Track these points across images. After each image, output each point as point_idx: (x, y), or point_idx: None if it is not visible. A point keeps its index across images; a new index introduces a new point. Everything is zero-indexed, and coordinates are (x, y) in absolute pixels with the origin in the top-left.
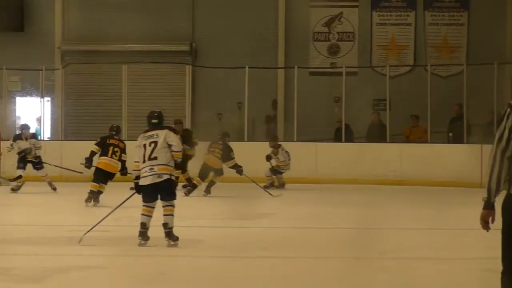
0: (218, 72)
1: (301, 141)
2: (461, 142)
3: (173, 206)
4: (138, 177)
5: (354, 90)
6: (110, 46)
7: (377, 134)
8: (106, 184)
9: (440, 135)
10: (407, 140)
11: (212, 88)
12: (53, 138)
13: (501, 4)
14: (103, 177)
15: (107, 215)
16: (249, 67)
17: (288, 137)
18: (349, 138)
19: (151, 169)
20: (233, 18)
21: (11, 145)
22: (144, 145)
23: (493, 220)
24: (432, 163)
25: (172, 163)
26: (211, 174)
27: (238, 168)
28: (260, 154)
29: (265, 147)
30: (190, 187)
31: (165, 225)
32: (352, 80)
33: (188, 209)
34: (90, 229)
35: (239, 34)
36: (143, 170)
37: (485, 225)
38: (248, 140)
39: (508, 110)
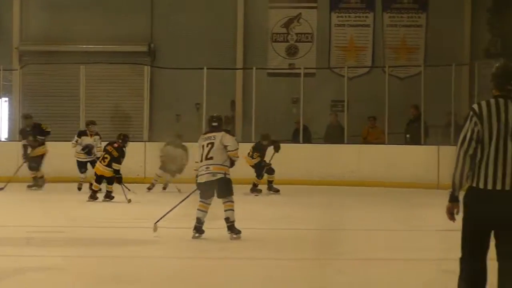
0: (177, 73)
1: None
2: (419, 143)
3: (232, 201)
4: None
5: (312, 91)
6: (68, 46)
7: (335, 135)
8: (100, 184)
9: (397, 136)
10: (365, 141)
11: (171, 89)
12: (10, 139)
13: (459, 5)
14: (98, 179)
15: (171, 209)
16: (207, 68)
17: (246, 138)
18: (307, 139)
19: (207, 168)
20: (191, 19)
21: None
22: (203, 146)
23: (457, 212)
24: (390, 165)
25: (227, 163)
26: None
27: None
28: None
29: None
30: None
31: (226, 219)
32: (310, 81)
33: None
34: (159, 220)
35: (198, 35)
36: (200, 169)
37: (451, 216)
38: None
39: (471, 113)
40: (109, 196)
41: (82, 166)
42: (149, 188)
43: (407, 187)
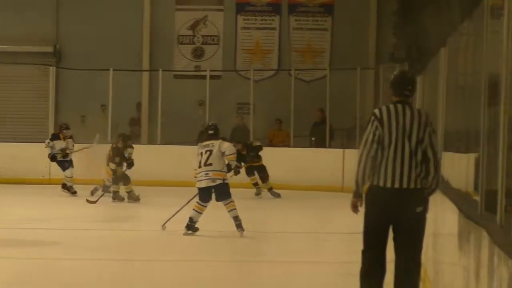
0: (83, 74)
1: (165, 144)
2: (324, 146)
3: (232, 201)
4: None
5: (218, 94)
6: None
7: (240, 137)
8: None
9: (303, 139)
10: (271, 144)
11: (76, 90)
12: None
13: (365, 10)
14: None
15: (178, 211)
16: (113, 70)
17: (152, 140)
18: None
19: (206, 174)
20: (98, 20)
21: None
22: (201, 153)
23: (361, 204)
24: (295, 168)
25: (225, 169)
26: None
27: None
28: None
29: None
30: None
31: (235, 218)
32: (216, 83)
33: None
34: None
35: (104, 36)
36: (199, 175)
37: (355, 209)
38: (112, 142)
39: (372, 117)
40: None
41: (62, 164)
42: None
43: (313, 190)
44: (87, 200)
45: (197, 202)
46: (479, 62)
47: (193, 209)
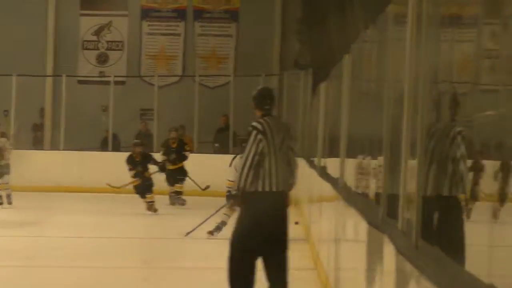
0: None
1: (68, 150)
2: (227, 152)
3: None
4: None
5: (122, 99)
6: None
7: (144, 143)
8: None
9: (207, 145)
10: None
11: None
12: None
13: (269, 17)
14: None
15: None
16: (16, 75)
17: (55, 145)
18: (116, 147)
19: None
20: (1, 24)
21: None
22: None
23: (238, 205)
24: (199, 173)
25: None
26: None
27: None
28: (25, 162)
29: (31, 155)
30: None
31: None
32: (120, 89)
33: None
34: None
35: (7, 40)
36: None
37: (235, 209)
38: (15, 148)
39: (255, 131)
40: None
41: None
42: None
43: (217, 196)
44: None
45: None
46: (382, 69)
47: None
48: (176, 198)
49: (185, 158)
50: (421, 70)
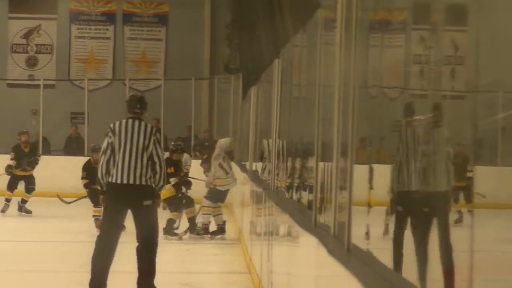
0: None
1: None
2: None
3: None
4: None
5: (52, 103)
6: None
7: (74, 147)
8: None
9: None
10: None
11: None
12: None
13: (199, 21)
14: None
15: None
16: None
17: None
18: (47, 151)
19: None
20: None
21: None
22: (220, 164)
23: (104, 200)
24: None
25: None
26: None
27: None
28: None
29: None
30: None
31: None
32: (50, 92)
33: None
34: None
35: None
36: (228, 180)
37: (103, 202)
38: None
39: (108, 130)
40: None
41: None
42: None
43: None
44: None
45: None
46: (312, 73)
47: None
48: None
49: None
50: (351, 75)
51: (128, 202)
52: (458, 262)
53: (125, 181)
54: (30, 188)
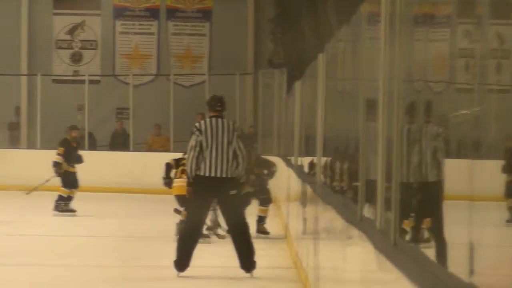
0: None
1: (45, 149)
2: None
3: None
4: None
5: (97, 98)
6: None
7: (120, 142)
8: None
9: (183, 144)
10: (150, 149)
11: None
12: None
13: (243, 16)
14: None
15: None
16: None
17: (32, 144)
18: (92, 146)
19: None
20: None
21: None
22: None
23: (191, 191)
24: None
25: None
26: None
27: None
28: (2, 161)
29: (8, 154)
30: None
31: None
32: (95, 88)
33: None
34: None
35: None
36: None
37: (189, 194)
38: None
39: (195, 129)
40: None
41: None
42: None
43: None
44: None
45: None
46: (357, 68)
47: None
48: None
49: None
50: (395, 69)
51: (216, 192)
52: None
53: (213, 174)
54: (77, 184)
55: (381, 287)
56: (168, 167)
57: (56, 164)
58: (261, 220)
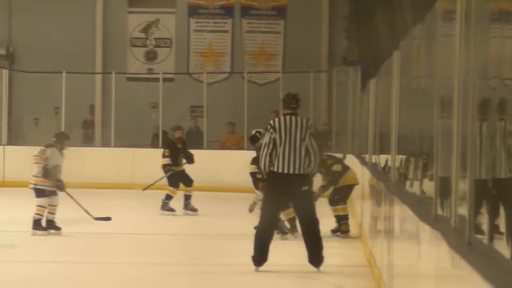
0: (36, 76)
1: (119, 147)
2: None
3: None
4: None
5: (172, 96)
6: None
7: (194, 140)
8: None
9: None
10: (224, 147)
11: (29, 92)
12: None
13: (317, 13)
14: None
15: None
16: (66, 72)
17: (106, 142)
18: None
19: None
20: (50, 23)
21: None
22: None
23: (266, 187)
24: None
25: None
26: None
27: None
28: (75, 159)
29: (82, 152)
30: None
31: None
32: (169, 86)
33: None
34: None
35: (57, 38)
36: None
37: (263, 190)
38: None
39: (269, 126)
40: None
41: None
42: None
43: None
44: None
45: None
46: (432, 65)
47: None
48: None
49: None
50: (471, 67)
51: (289, 189)
52: None
53: (286, 171)
54: (189, 180)
55: (455, 286)
56: (254, 176)
57: (165, 167)
58: (342, 219)
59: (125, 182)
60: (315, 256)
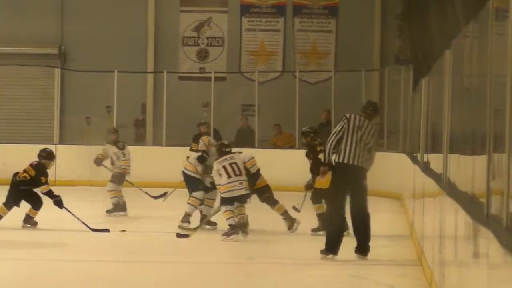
0: (87, 75)
1: (170, 146)
2: None
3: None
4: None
5: (223, 95)
6: None
7: (245, 139)
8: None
9: None
10: (275, 146)
11: (81, 91)
12: None
13: (369, 12)
14: None
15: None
16: (118, 71)
17: (157, 141)
18: None
19: (240, 183)
20: (102, 22)
21: None
22: (224, 167)
23: (327, 171)
24: (301, 169)
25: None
26: None
27: None
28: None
29: (137, 151)
30: None
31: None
32: (221, 85)
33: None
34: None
35: (109, 37)
36: (231, 185)
37: (323, 174)
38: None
39: (344, 117)
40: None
41: None
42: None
43: None
44: None
45: (228, 210)
46: (484, 64)
47: (230, 217)
48: None
49: None
50: None
51: (351, 180)
52: None
53: (350, 162)
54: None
55: (507, 286)
56: (309, 187)
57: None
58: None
59: (175, 181)
60: (363, 246)
